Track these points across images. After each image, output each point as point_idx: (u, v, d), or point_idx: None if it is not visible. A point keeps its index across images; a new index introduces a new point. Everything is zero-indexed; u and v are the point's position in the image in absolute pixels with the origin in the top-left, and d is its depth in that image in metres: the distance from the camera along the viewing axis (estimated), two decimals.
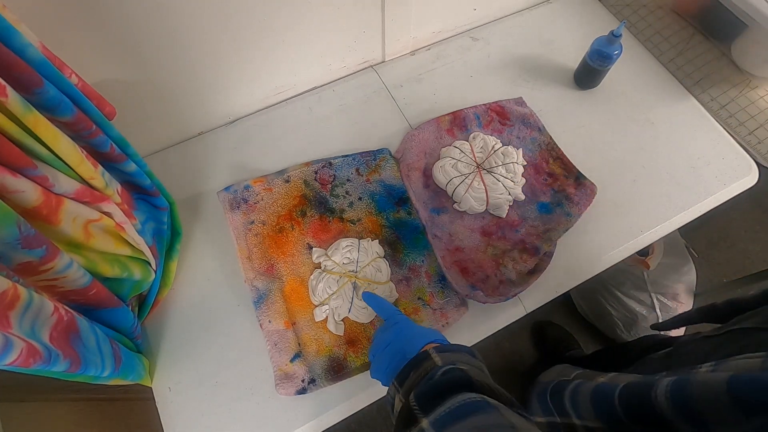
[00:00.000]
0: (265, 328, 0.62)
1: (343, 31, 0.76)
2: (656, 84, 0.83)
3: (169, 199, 0.66)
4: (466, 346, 0.46)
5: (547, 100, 0.82)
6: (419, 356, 0.43)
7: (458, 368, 0.38)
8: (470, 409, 0.33)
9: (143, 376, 0.58)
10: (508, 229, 0.70)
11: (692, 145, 0.77)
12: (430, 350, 0.43)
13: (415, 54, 0.88)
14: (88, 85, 0.52)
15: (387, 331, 0.50)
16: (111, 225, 0.51)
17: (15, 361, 0.35)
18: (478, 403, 0.33)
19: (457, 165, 0.73)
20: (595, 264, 0.69)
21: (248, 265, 0.66)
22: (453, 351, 0.43)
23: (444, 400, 0.34)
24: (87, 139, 0.48)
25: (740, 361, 0.33)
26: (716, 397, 0.29)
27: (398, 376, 0.43)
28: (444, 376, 0.38)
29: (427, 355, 0.43)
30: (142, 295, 0.63)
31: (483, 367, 0.43)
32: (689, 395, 0.31)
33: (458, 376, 0.37)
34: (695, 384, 0.31)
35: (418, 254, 0.68)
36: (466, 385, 0.36)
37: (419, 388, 0.38)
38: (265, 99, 0.81)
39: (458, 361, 0.41)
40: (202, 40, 0.64)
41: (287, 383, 0.59)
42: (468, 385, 0.36)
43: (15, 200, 0.38)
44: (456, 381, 0.37)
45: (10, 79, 0.38)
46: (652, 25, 0.88)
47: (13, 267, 0.38)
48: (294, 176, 0.73)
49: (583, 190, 0.72)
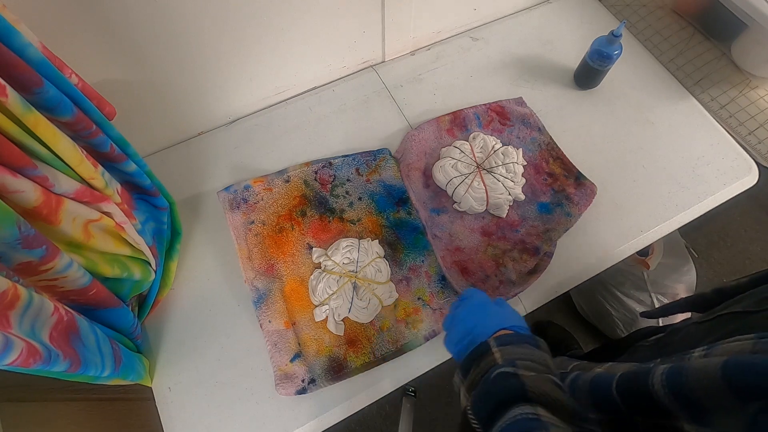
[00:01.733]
0: (265, 328, 0.62)
1: (343, 31, 0.76)
2: (656, 84, 0.83)
3: (169, 199, 0.66)
4: (530, 336, 0.43)
5: (547, 100, 0.82)
6: (481, 349, 0.41)
7: (514, 374, 0.36)
8: (522, 428, 0.32)
9: (143, 376, 0.58)
10: (508, 229, 0.70)
11: (692, 145, 0.77)
12: (491, 342, 0.41)
13: (415, 54, 0.88)
14: (88, 85, 0.52)
15: (461, 306, 0.49)
16: (111, 225, 0.51)
17: (15, 361, 0.35)
18: (530, 422, 0.32)
19: (457, 165, 0.73)
20: (595, 264, 0.69)
21: (248, 265, 0.66)
22: (515, 343, 0.41)
23: (499, 415, 0.34)
24: (87, 139, 0.48)
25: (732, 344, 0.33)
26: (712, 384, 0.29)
27: (461, 367, 0.42)
28: (498, 384, 0.36)
29: (488, 348, 0.41)
30: (142, 295, 0.62)
31: (547, 358, 0.40)
32: (684, 383, 0.31)
33: (512, 385, 0.35)
34: (690, 371, 0.31)
35: (418, 254, 0.68)
36: (520, 396, 0.34)
37: (477, 391, 0.38)
38: (265, 99, 0.81)
39: (519, 358, 0.38)
40: (203, 40, 0.64)
41: (287, 383, 0.59)
42: (522, 395, 0.34)
43: (15, 200, 0.38)
44: (510, 391, 0.35)
45: (10, 79, 0.38)
46: (652, 25, 0.88)
47: (13, 267, 0.38)
48: (294, 176, 0.73)
49: (583, 190, 0.72)
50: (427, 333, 0.63)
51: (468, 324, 0.46)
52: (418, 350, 0.63)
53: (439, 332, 0.63)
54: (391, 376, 0.62)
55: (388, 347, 0.62)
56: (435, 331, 0.63)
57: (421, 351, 0.63)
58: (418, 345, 0.62)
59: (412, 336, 0.63)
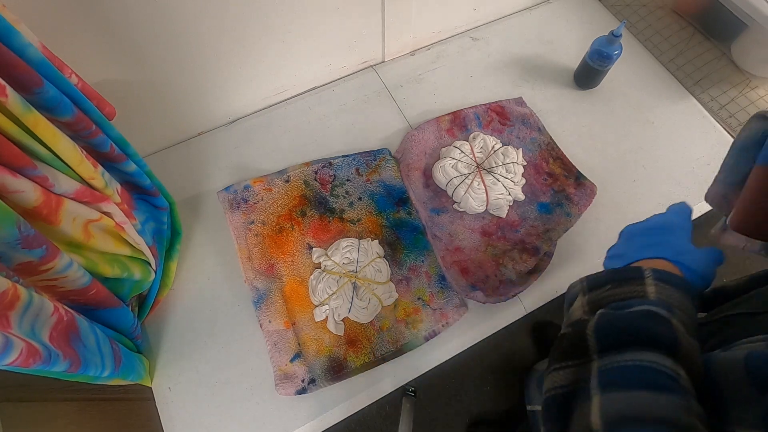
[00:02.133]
0: (265, 328, 0.62)
1: (343, 31, 0.76)
2: (656, 84, 0.83)
3: (169, 199, 0.66)
4: (688, 283, 0.34)
5: (547, 100, 0.82)
6: (631, 272, 0.34)
7: (667, 321, 0.29)
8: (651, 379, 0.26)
9: (143, 376, 0.58)
10: (508, 229, 0.70)
11: (692, 145, 0.77)
12: (646, 272, 0.33)
13: (415, 54, 0.88)
14: (88, 85, 0.52)
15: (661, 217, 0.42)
16: (111, 225, 0.51)
17: (15, 361, 0.35)
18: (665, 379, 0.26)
19: (457, 165, 0.73)
20: (595, 264, 0.69)
21: (248, 265, 0.66)
22: (676, 286, 0.33)
23: (628, 350, 0.28)
24: (87, 139, 0.48)
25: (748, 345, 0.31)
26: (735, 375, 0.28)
27: (595, 277, 0.35)
28: (644, 322, 0.29)
29: (641, 276, 0.33)
30: (142, 295, 0.62)
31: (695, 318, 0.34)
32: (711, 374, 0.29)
33: (662, 332, 0.28)
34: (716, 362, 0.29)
35: (418, 254, 0.68)
36: (667, 347, 0.28)
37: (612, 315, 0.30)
38: (265, 99, 0.81)
39: (677, 306, 0.31)
40: (203, 40, 0.64)
41: (287, 383, 0.59)
42: (669, 347, 0.28)
43: (15, 200, 0.38)
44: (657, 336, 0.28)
45: (10, 79, 0.38)
46: (652, 25, 0.88)
47: (13, 267, 0.38)
48: (294, 176, 0.73)
49: (583, 190, 0.72)
50: (427, 333, 0.63)
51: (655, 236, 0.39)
52: (418, 350, 0.63)
53: (439, 332, 0.63)
54: (391, 376, 0.62)
55: (388, 347, 0.62)
56: (435, 331, 0.63)
57: (421, 351, 0.63)
58: (418, 345, 0.62)
59: (412, 336, 0.63)
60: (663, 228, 0.40)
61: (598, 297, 0.34)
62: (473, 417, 1.15)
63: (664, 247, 0.38)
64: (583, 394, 0.28)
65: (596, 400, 0.27)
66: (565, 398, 0.29)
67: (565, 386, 0.29)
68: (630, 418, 0.25)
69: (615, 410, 0.26)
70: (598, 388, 0.27)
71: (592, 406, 0.27)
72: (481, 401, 1.16)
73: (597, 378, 0.28)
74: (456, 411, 1.15)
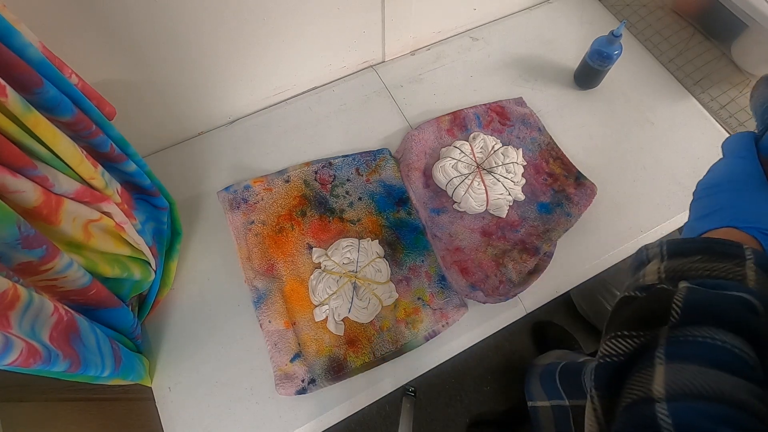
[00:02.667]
0: (265, 328, 0.62)
1: (343, 31, 0.76)
2: (656, 84, 0.83)
3: (169, 199, 0.66)
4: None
5: (547, 100, 0.82)
6: (730, 247, 0.29)
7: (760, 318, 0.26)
8: (727, 362, 0.24)
9: (143, 376, 0.58)
10: (508, 229, 0.70)
11: (692, 145, 0.77)
12: (747, 251, 0.28)
13: (415, 54, 0.88)
14: (88, 85, 0.52)
15: (720, 165, 0.36)
16: (111, 225, 0.51)
17: (15, 361, 0.35)
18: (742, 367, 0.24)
19: (457, 165, 0.73)
20: (595, 264, 0.69)
21: (248, 265, 0.66)
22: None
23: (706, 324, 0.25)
24: (87, 139, 0.48)
25: None
26: None
27: (679, 242, 0.30)
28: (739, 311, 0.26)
29: (742, 256, 0.28)
30: (142, 295, 0.63)
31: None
32: None
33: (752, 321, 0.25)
34: None
35: (418, 254, 0.68)
36: (752, 336, 0.25)
37: (701, 290, 0.27)
38: (265, 99, 0.81)
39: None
40: (203, 39, 0.64)
41: (287, 383, 0.59)
42: (753, 335, 0.25)
43: (15, 200, 0.38)
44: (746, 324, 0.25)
45: (10, 79, 0.38)
46: (652, 25, 0.88)
47: (13, 267, 0.38)
48: (294, 176, 0.73)
49: (583, 190, 0.72)
50: (427, 333, 0.63)
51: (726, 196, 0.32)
52: (418, 350, 0.63)
53: (439, 332, 0.63)
54: (391, 376, 0.62)
55: (388, 347, 0.62)
56: (435, 331, 0.63)
57: (421, 351, 0.63)
58: (418, 345, 0.62)
59: (412, 336, 0.63)
60: (728, 182, 0.33)
61: (684, 266, 0.29)
62: (473, 417, 1.15)
63: (735, 212, 0.32)
64: (646, 360, 0.25)
65: (660, 369, 0.24)
66: (623, 366, 0.26)
67: (625, 355, 0.26)
68: (697, 393, 0.23)
69: (682, 381, 0.23)
70: (664, 357, 0.24)
71: (655, 373, 0.24)
72: (481, 401, 1.16)
73: (665, 347, 0.25)
74: (456, 411, 1.15)
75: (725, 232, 0.31)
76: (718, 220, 0.32)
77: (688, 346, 0.25)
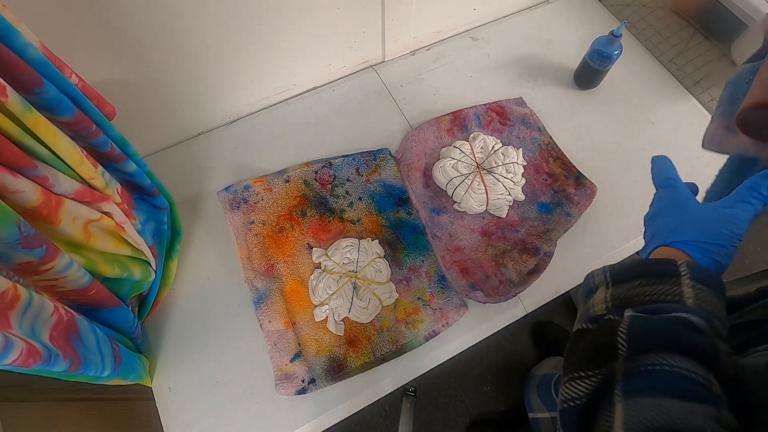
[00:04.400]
0: (265, 328, 0.62)
1: (343, 31, 0.76)
2: (656, 84, 0.83)
3: (169, 199, 0.66)
4: (722, 282, 0.30)
5: (547, 100, 0.82)
6: (663, 266, 0.30)
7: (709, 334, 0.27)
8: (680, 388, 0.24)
9: (143, 376, 0.58)
10: (508, 229, 0.70)
11: (692, 145, 0.77)
12: (682, 268, 0.30)
13: (415, 54, 0.88)
14: (88, 85, 0.52)
15: (655, 198, 0.39)
16: (111, 225, 0.51)
17: (15, 361, 0.35)
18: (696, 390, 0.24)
19: (457, 165, 0.73)
20: (595, 264, 0.68)
21: (248, 265, 0.66)
22: (711, 286, 0.29)
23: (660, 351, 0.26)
24: (87, 139, 0.48)
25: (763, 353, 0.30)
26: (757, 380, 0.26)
27: (621, 270, 0.32)
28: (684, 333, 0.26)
29: (676, 272, 0.29)
30: (142, 295, 0.63)
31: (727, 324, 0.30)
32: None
33: (702, 342, 0.26)
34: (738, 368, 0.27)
35: (418, 254, 0.68)
36: (707, 359, 0.26)
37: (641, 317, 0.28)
38: (265, 99, 0.81)
39: (715, 315, 0.28)
40: (203, 40, 0.64)
41: (287, 383, 0.59)
42: (709, 358, 0.26)
43: (15, 200, 0.38)
44: (697, 346, 0.26)
45: (10, 79, 0.38)
46: (652, 25, 0.88)
47: (13, 267, 0.38)
48: (294, 176, 0.73)
49: (583, 190, 0.72)
50: (427, 333, 0.63)
51: (659, 223, 0.36)
52: (418, 350, 0.63)
53: (439, 332, 0.63)
54: (391, 376, 0.62)
55: (388, 347, 0.62)
56: (435, 331, 0.63)
57: (421, 351, 0.63)
58: (418, 345, 0.62)
59: (412, 336, 0.63)
60: (660, 210, 0.38)
61: (626, 293, 0.31)
62: (473, 417, 1.15)
63: (665, 233, 0.35)
64: (606, 401, 0.26)
65: (619, 408, 0.25)
66: (585, 409, 0.27)
67: (585, 397, 0.27)
68: (652, 428, 0.23)
69: (639, 420, 0.24)
70: (622, 395, 0.25)
71: (615, 414, 0.25)
72: (481, 401, 1.16)
73: (621, 383, 0.26)
74: (456, 411, 1.15)
75: (660, 251, 0.35)
76: (655, 242, 0.36)
77: (641, 377, 0.25)
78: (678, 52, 0.85)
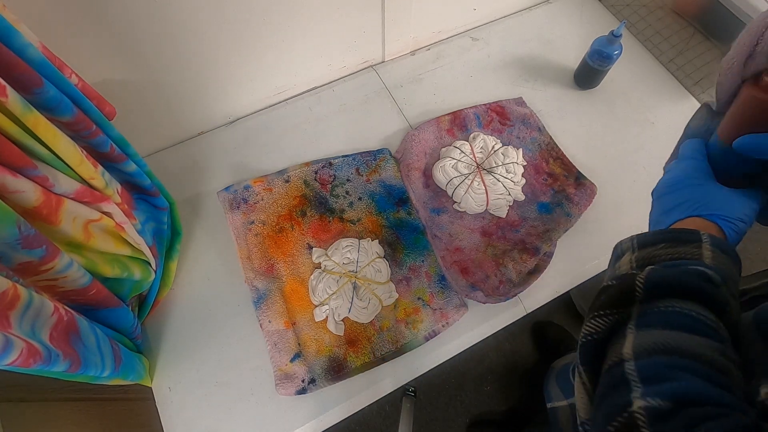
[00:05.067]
0: (265, 328, 0.62)
1: (343, 31, 0.76)
2: (656, 84, 0.83)
3: (169, 199, 0.66)
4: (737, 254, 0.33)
5: (547, 100, 0.82)
6: (686, 234, 0.32)
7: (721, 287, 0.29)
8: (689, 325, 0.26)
9: (143, 376, 0.58)
10: (508, 229, 0.70)
11: None
12: (704, 235, 0.32)
13: (415, 54, 0.88)
14: (88, 85, 0.52)
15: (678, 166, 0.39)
16: (111, 225, 0.51)
17: (15, 361, 0.35)
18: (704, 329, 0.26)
19: (457, 165, 0.73)
20: (595, 264, 0.69)
21: (248, 265, 0.66)
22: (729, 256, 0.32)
23: (675, 297, 0.28)
24: (87, 139, 0.48)
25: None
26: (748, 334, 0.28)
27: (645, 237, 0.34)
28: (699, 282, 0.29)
29: (698, 239, 0.32)
30: (142, 295, 0.63)
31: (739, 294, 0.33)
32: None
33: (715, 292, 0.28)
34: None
35: (418, 254, 0.68)
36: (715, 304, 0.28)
37: (660, 268, 0.30)
38: (265, 99, 0.81)
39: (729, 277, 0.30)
40: (203, 40, 0.64)
41: (287, 383, 0.59)
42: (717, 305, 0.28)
43: (15, 200, 0.38)
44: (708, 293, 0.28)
45: (10, 79, 0.38)
46: (652, 25, 0.88)
47: (13, 267, 0.38)
48: (294, 176, 0.73)
49: (583, 190, 0.72)
50: (427, 333, 0.63)
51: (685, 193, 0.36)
52: (418, 350, 0.63)
53: (439, 332, 0.63)
54: (391, 376, 0.62)
55: (388, 347, 0.62)
56: (435, 331, 0.63)
57: (421, 351, 0.63)
58: (418, 345, 0.62)
59: (412, 336, 0.63)
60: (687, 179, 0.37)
61: (650, 254, 0.33)
62: (473, 417, 1.15)
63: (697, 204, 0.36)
64: (620, 333, 0.29)
65: (630, 337, 0.27)
66: (601, 344, 0.30)
67: (602, 332, 0.30)
68: (659, 350, 0.26)
69: (646, 343, 0.26)
70: (634, 328, 0.28)
71: (626, 341, 0.27)
72: (481, 401, 1.16)
73: (635, 320, 0.28)
74: (456, 411, 1.15)
75: (691, 221, 0.35)
76: (683, 211, 0.36)
77: (653, 315, 0.28)
78: (678, 52, 0.85)
